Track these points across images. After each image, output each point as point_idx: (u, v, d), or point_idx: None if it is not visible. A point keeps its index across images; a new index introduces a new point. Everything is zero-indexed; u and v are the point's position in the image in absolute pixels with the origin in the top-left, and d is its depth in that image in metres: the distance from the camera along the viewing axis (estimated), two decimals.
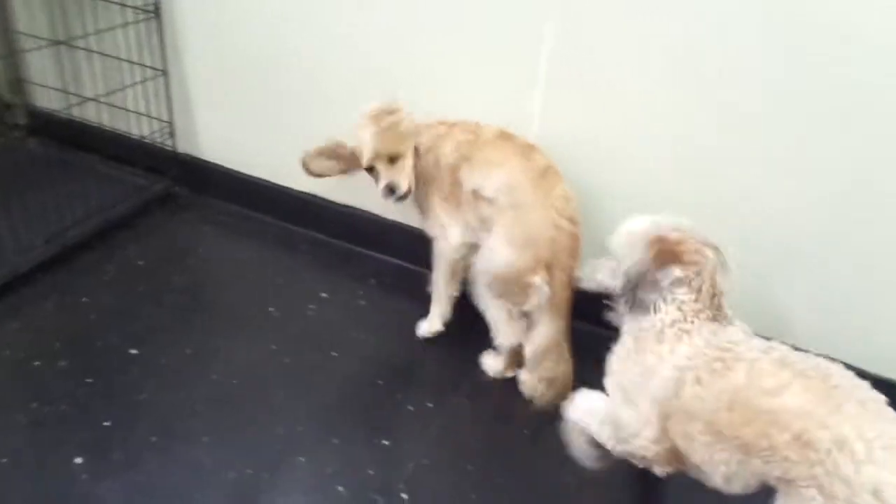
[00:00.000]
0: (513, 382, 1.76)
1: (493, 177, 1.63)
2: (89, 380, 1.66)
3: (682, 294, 1.21)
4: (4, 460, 1.45)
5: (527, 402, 1.71)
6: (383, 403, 1.70)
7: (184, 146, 2.38)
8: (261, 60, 2.11)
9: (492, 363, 1.79)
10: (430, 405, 1.70)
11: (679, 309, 1.21)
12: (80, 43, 2.27)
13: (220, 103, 2.26)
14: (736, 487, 1.17)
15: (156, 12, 2.14)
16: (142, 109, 2.31)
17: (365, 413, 1.66)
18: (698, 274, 1.21)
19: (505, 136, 1.70)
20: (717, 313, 1.22)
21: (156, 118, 2.32)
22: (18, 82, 2.46)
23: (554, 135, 1.77)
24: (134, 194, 2.29)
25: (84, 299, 1.91)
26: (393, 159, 1.69)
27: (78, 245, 2.07)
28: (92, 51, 2.28)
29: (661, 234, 1.24)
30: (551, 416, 1.55)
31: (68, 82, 2.39)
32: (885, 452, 1.01)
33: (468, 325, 1.77)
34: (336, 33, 1.97)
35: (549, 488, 1.53)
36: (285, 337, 1.85)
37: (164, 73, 2.24)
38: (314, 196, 2.20)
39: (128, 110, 2.33)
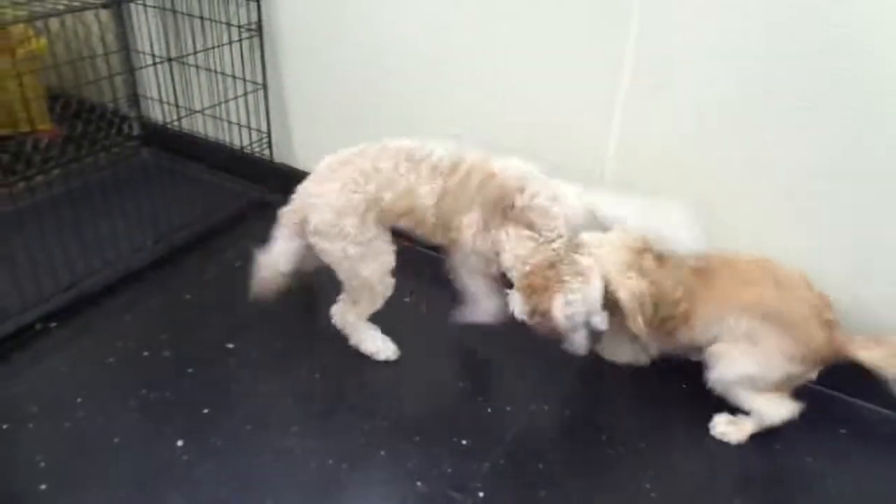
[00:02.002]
0: (585, 395, 1.77)
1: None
2: (190, 370, 1.78)
3: None
4: (116, 439, 1.58)
5: (602, 411, 1.72)
6: (463, 405, 1.74)
7: (280, 156, 2.52)
8: (354, 75, 2.22)
9: (737, 430, 1.68)
10: (508, 409, 1.73)
11: None
12: (190, 60, 2.46)
13: (314, 116, 2.39)
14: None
15: (258, 30, 2.29)
16: (242, 121, 2.47)
17: (445, 414, 1.71)
18: None
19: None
20: None
21: (255, 129, 2.47)
22: (134, 97, 2.68)
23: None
24: (233, 201, 2.45)
25: (187, 296, 2.06)
26: None
27: (183, 246, 2.23)
28: (199, 67, 2.46)
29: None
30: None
31: (178, 96, 2.58)
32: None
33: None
34: (428, 50, 2.05)
35: (621, 494, 1.53)
36: None
37: (264, 87, 2.39)
38: None
39: (230, 122, 2.50)
